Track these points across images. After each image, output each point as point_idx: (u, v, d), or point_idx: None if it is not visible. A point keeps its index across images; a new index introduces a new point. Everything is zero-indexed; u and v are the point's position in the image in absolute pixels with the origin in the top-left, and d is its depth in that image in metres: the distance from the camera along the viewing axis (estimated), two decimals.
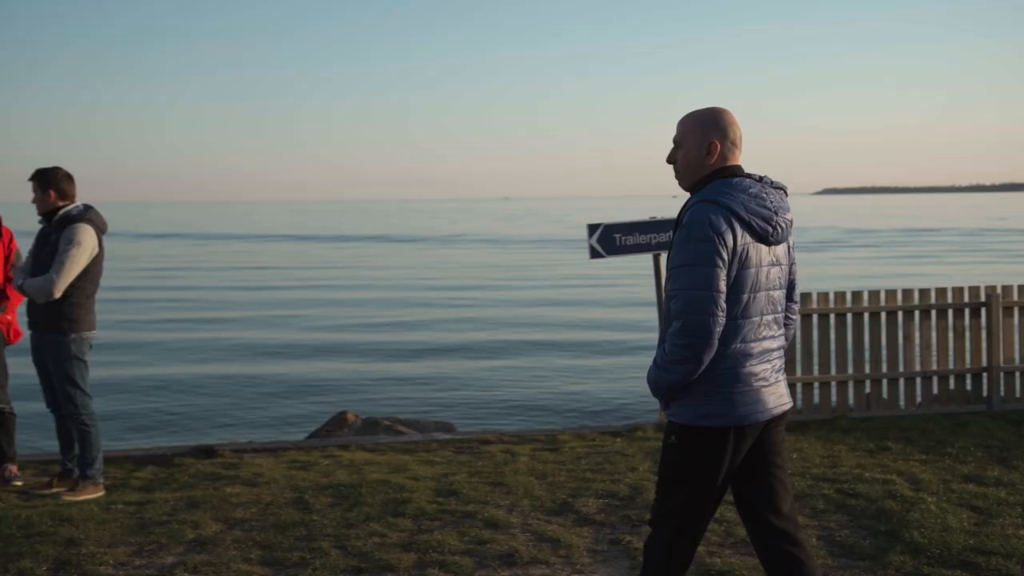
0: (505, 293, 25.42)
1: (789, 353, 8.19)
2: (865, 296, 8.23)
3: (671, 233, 7.63)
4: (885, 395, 8.35)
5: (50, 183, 5.93)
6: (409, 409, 10.97)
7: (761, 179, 3.39)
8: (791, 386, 8.22)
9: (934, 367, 8.34)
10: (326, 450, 7.18)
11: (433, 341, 16.91)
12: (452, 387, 12.87)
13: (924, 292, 8.31)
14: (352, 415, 9.08)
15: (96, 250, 5.93)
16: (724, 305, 3.22)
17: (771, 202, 3.33)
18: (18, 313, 6.46)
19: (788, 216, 3.38)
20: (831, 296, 8.22)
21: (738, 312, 3.27)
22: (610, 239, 7.63)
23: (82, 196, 6.11)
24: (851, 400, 8.27)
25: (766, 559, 3.44)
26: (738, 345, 3.28)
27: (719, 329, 3.22)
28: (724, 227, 3.22)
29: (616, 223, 7.72)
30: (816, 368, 8.20)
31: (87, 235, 5.85)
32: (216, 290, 27.09)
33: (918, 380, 8.30)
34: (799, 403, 8.28)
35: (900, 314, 8.27)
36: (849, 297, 8.25)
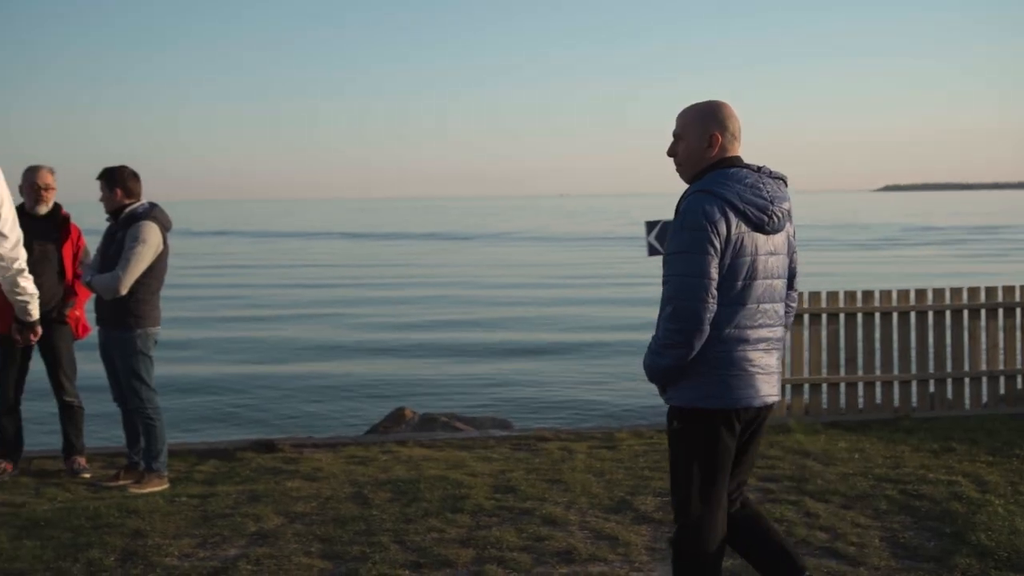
0: (561, 292, 25.40)
1: (850, 351, 8.08)
2: (929, 294, 8.09)
3: None
4: (950, 395, 8.20)
5: (117, 182, 6.05)
6: (464, 407, 11.02)
7: (759, 169, 3.49)
8: (852, 386, 8.11)
9: (1001, 367, 8.16)
10: (384, 446, 7.24)
11: (488, 340, 16.94)
12: (506, 386, 12.89)
13: (991, 290, 8.15)
14: (409, 411, 9.15)
15: (161, 247, 6.04)
16: (715, 292, 3.33)
17: (767, 192, 3.43)
18: (86, 309, 6.61)
19: (785, 206, 3.48)
20: (894, 294, 8.09)
21: (733, 299, 3.38)
22: (664, 236, 7.57)
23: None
24: (914, 400, 8.13)
25: (733, 533, 3.62)
26: (732, 331, 3.39)
27: (709, 315, 3.33)
28: (718, 216, 3.32)
29: (669, 220, 7.66)
30: (878, 367, 8.08)
31: (152, 232, 5.96)
32: (273, 288, 27.44)
33: (984, 380, 8.14)
34: (861, 403, 8.16)
35: (965, 312, 8.11)
36: (912, 295, 8.12)
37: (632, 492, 5.77)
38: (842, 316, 8.05)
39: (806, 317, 8.01)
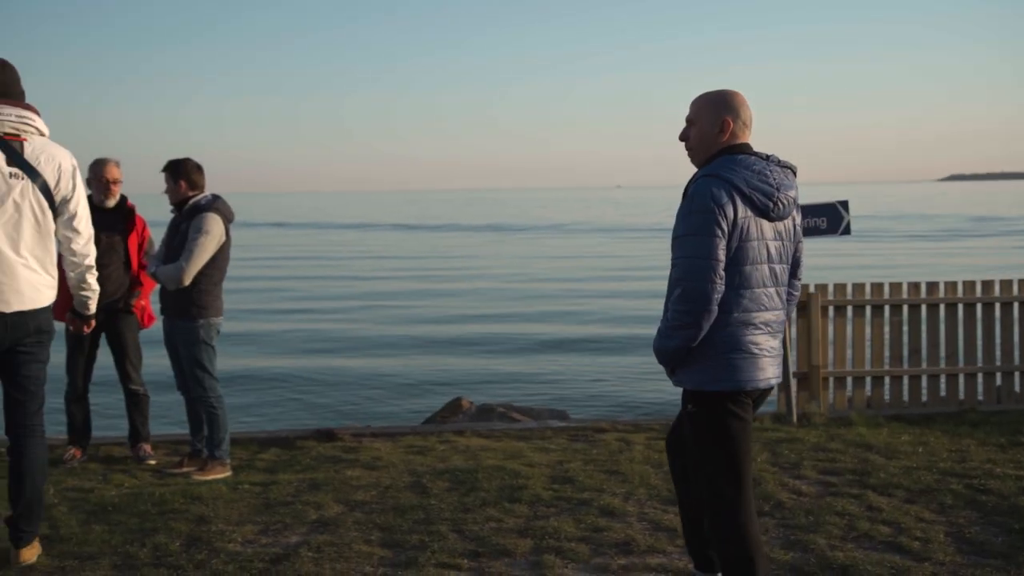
0: (617, 285, 25.31)
1: (914, 343, 7.95)
2: (996, 285, 7.93)
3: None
4: (1017, 388, 8.03)
5: (181, 174, 6.15)
6: (520, 397, 11.04)
7: (767, 157, 3.57)
8: (916, 378, 7.98)
9: None
10: (442, 436, 7.28)
11: (544, 333, 16.91)
12: (562, 379, 12.87)
13: None
14: (466, 401, 9.19)
15: (223, 238, 6.13)
16: (723, 273, 3.41)
17: (774, 179, 3.51)
18: (151, 299, 6.73)
19: (791, 194, 3.55)
20: (959, 285, 7.94)
21: (739, 283, 3.46)
22: None
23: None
24: (980, 393, 7.97)
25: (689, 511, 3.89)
26: (739, 314, 3.47)
27: (717, 296, 3.41)
28: (725, 200, 3.40)
29: None
30: (943, 360, 7.94)
31: (215, 224, 6.05)
32: (331, 280, 27.70)
33: None
34: (924, 396, 8.03)
35: None
36: (979, 286, 7.96)
37: None
38: (905, 308, 7.92)
39: (868, 309, 7.89)
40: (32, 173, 4.29)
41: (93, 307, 4.80)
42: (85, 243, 4.55)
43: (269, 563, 4.51)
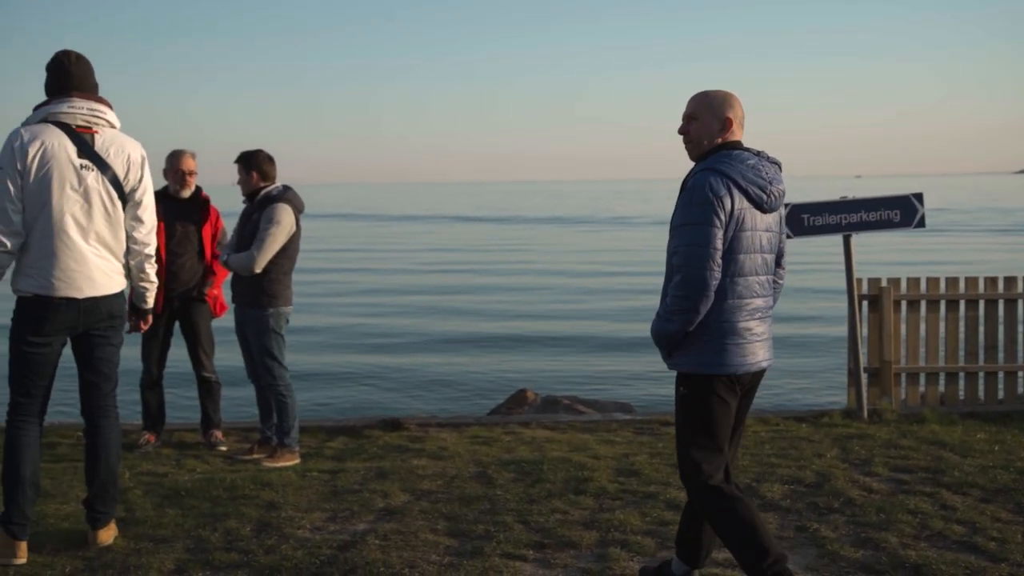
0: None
1: (990, 339, 7.76)
2: None
3: (860, 214, 7.39)
4: None
5: (253, 165, 6.25)
6: (584, 391, 11.01)
7: (759, 153, 3.78)
8: (992, 375, 7.79)
9: None
10: (507, 427, 7.30)
11: (610, 332, 16.80)
12: (626, 375, 12.78)
13: None
14: (531, 393, 9.20)
15: (294, 229, 6.21)
16: (720, 261, 3.62)
17: (766, 173, 3.72)
18: (223, 288, 6.85)
19: (780, 187, 3.76)
20: None
21: (734, 271, 3.67)
22: (798, 219, 7.39)
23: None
24: None
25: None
26: (733, 301, 3.68)
27: (715, 283, 3.62)
28: (723, 192, 3.62)
29: (804, 203, 7.47)
30: (1021, 357, 7.73)
31: (286, 214, 6.13)
32: (396, 274, 27.90)
33: None
34: (1001, 393, 7.84)
35: None
36: None
37: (757, 479, 5.67)
38: (982, 303, 7.73)
39: (943, 304, 7.73)
40: (102, 165, 4.40)
41: (151, 301, 4.86)
42: (147, 232, 4.64)
43: (337, 550, 4.57)
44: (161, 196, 6.62)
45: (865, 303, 7.73)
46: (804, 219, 7.40)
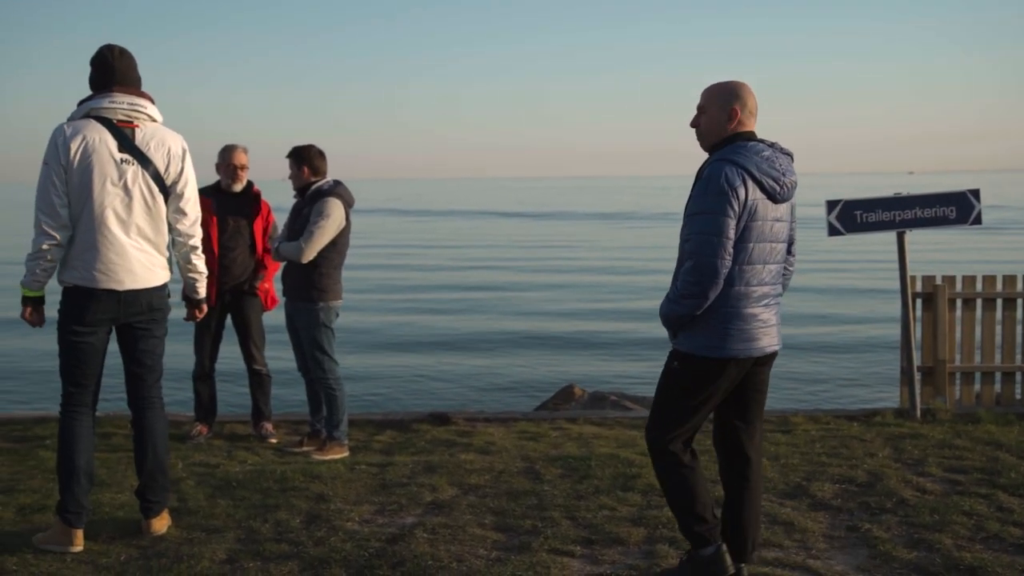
0: None
1: None
2: None
3: (915, 211, 7.27)
4: None
5: (304, 160, 6.30)
6: (632, 386, 10.97)
7: (772, 145, 3.88)
8: None
9: None
10: (555, 422, 7.29)
11: (657, 329, 16.70)
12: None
13: None
14: (579, 389, 9.18)
15: (343, 223, 6.25)
16: (731, 250, 3.72)
17: (780, 165, 3.82)
18: (274, 282, 6.91)
19: (792, 178, 3.86)
20: None
21: (744, 259, 3.77)
22: (850, 216, 7.29)
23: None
24: None
25: (725, 473, 4.07)
26: (741, 288, 3.79)
27: (725, 271, 3.72)
28: (738, 183, 3.71)
29: (857, 199, 7.36)
30: None
31: (336, 208, 6.17)
32: (442, 271, 27.98)
33: None
34: None
35: None
36: None
37: (808, 478, 5.61)
38: None
39: (999, 302, 7.58)
40: (143, 159, 4.46)
41: (202, 291, 4.93)
42: (191, 224, 4.69)
43: (386, 542, 4.60)
44: (213, 190, 6.71)
45: (919, 301, 7.61)
46: (857, 215, 7.30)
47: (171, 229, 4.65)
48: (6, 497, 5.31)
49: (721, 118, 3.88)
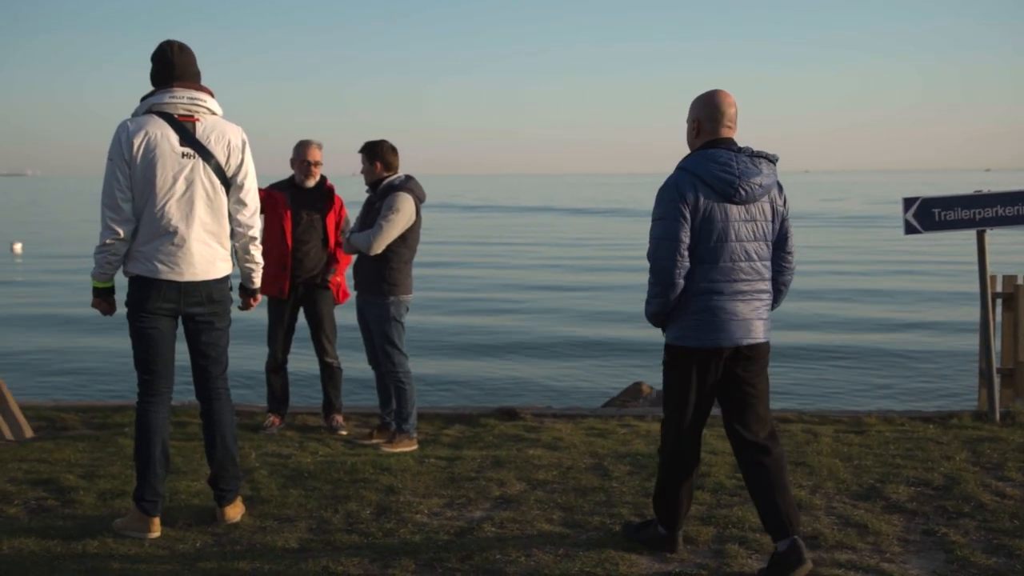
0: (810, 278, 24.54)
1: None
2: None
3: (996, 209, 7.08)
4: None
5: (376, 155, 6.36)
6: None
7: (740, 150, 4.12)
8: None
9: None
10: (623, 419, 7.27)
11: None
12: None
13: None
14: (647, 387, 9.13)
15: (414, 218, 6.29)
16: (684, 252, 4.05)
17: (737, 169, 4.05)
18: (346, 276, 7.00)
19: (758, 179, 4.08)
20: None
21: (706, 257, 4.07)
22: (928, 214, 7.13)
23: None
24: None
25: (741, 466, 4.33)
26: (707, 284, 4.08)
27: (679, 271, 4.06)
28: (688, 190, 4.04)
29: (936, 196, 7.20)
30: None
31: (406, 203, 6.22)
32: (512, 269, 27.99)
33: None
34: None
35: None
36: None
37: (882, 479, 5.51)
38: None
39: None
40: (204, 152, 4.53)
41: (257, 280, 4.98)
42: (251, 215, 4.76)
43: (454, 536, 4.63)
44: (287, 185, 6.81)
45: (999, 302, 7.42)
46: (935, 214, 7.14)
47: (231, 219, 4.72)
48: (87, 482, 5.47)
49: (690, 131, 4.24)
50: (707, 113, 4.16)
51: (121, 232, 4.49)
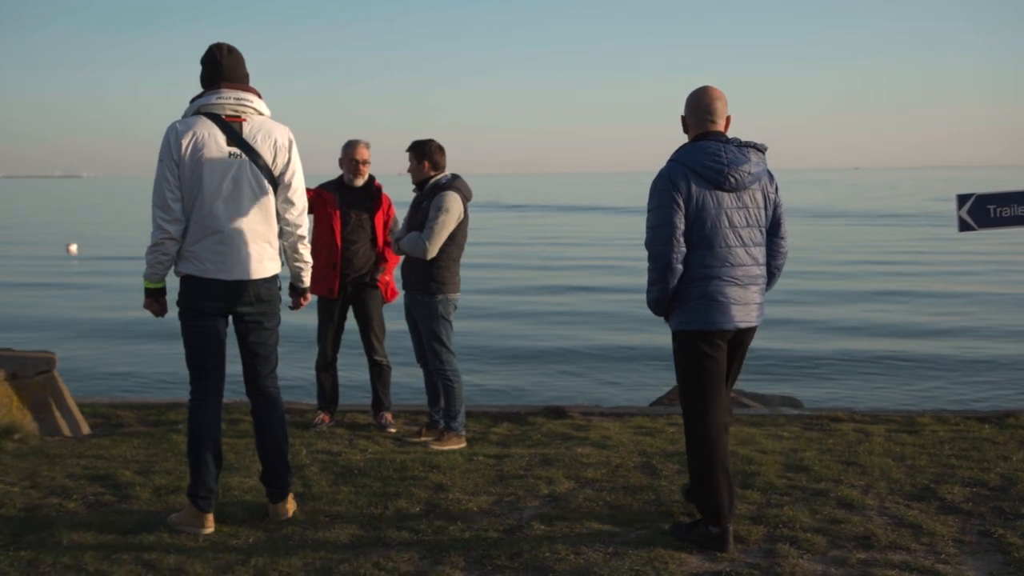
0: (857, 279, 24.24)
1: None
2: None
3: None
4: None
5: (424, 154, 6.38)
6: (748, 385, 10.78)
7: (728, 141, 4.35)
8: None
9: None
10: (671, 418, 7.23)
11: (787, 316, 16.35)
12: (790, 368, 12.41)
13: None
14: None
15: (462, 216, 6.31)
16: (680, 238, 4.25)
17: (726, 158, 4.29)
18: (394, 274, 7.04)
19: (747, 168, 4.31)
20: None
21: (701, 244, 4.29)
22: (983, 211, 7.00)
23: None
24: None
25: None
26: (703, 269, 4.30)
27: (676, 256, 4.27)
28: (680, 179, 4.27)
29: (991, 193, 7.07)
30: None
31: (455, 202, 6.24)
32: (559, 271, 27.96)
33: None
34: None
35: None
36: None
37: (937, 480, 5.43)
38: None
39: None
40: (251, 152, 4.58)
41: (307, 279, 5.00)
42: (299, 214, 4.79)
43: (503, 533, 4.64)
44: (336, 185, 6.87)
45: None
46: (991, 210, 7.01)
47: (279, 219, 4.76)
48: (143, 478, 5.56)
49: (683, 125, 4.51)
50: (695, 108, 4.42)
51: (171, 231, 4.56)
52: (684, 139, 4.56)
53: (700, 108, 4.42)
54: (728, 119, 4.49)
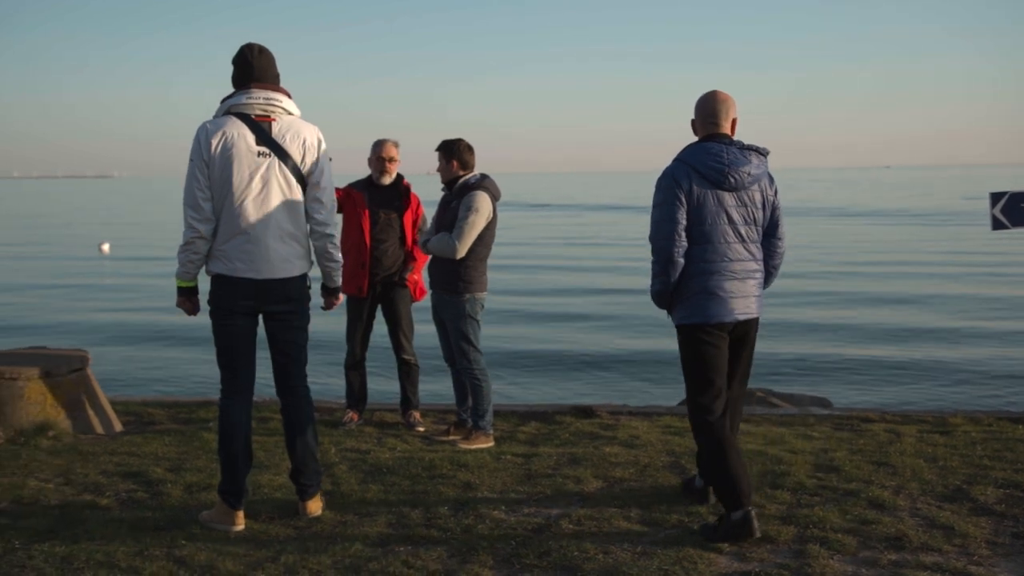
0: (894, 281, 24.04)
1: None
2: None
3: None
4: None
5: (453, 154, 6.39)
6: (778, 384, 10.72)
7: (730, 143, 4.53)
8: None
9: None
10: None
11: (816, 320, 16.25)
12: (824, 367, 12.34)
13: None
14: None
15: (491, 216, 6.32)
16: (682, 233, 4.45)
17: (727, 159, 4.47)
18: (422, 273, 7.05)
19: (746, 169, 4.49)
20: None
21: (701, 239, 4.48)
22: (1017, 208, 6.93)
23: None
24: None
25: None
26: (703, 264, 4.49)
27: (677, 250, 4.46)
28: (682, 177, 4.47)
29: (1022, 191, 6.99)
30: None
31: (484, 202, 6.25)
32: (589, 272, 27.91)
33: None
34: None
35: None
36: None
37: (969, 481, 5.38)
38: None
39: None
40: (280, 151, 4.61)
41: (338, 279, 5.02)
42: (328, 213, 4.82)
43: (532, 532, 4.64)
44: (365, 184, 6.89)
45: None
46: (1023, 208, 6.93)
47: (309, 218, 4.78)
48: (174, 475, 5.61)
49: (692, 127, 4.69)
50: (702, 112, 4.62)
51: (202, 230, 4.60)
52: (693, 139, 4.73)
53: (706, 111, 4.62)
54: (735, 121, 4.65)
